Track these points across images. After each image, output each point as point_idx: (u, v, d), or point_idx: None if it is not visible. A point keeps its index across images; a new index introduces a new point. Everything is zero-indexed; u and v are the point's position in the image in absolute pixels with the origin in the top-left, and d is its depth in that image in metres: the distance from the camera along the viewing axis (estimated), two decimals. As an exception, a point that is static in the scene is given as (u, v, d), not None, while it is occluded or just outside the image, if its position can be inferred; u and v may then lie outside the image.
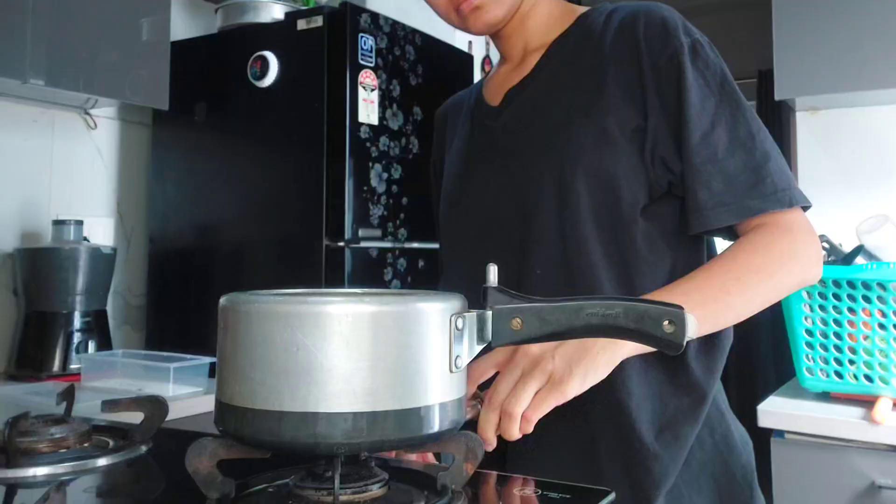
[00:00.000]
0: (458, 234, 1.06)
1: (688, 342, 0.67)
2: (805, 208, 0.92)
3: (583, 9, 1.02)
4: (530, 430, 0.78)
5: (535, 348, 0.80)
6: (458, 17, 0.98)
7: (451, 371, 0.63)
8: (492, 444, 0.77)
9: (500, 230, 0.97)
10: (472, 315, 0.65)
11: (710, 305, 0.84)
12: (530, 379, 0.78)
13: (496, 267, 0.68)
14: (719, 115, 0.90)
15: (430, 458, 0.89)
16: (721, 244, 0.98)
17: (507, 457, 0.94)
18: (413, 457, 0.86)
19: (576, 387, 0.78)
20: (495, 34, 1.04)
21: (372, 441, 0.58)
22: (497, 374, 0.82)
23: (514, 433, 0.77)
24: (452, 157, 1.10)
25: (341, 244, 1.91)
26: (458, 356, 0.63)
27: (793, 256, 0.88)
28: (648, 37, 0.93)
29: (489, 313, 0.66)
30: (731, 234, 0.92)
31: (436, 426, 0.61)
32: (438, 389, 0.62)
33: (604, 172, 0.91)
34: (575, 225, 0.91)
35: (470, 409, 0.76)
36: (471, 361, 0.67)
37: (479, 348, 0.66)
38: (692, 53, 0.91)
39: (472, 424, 0.76)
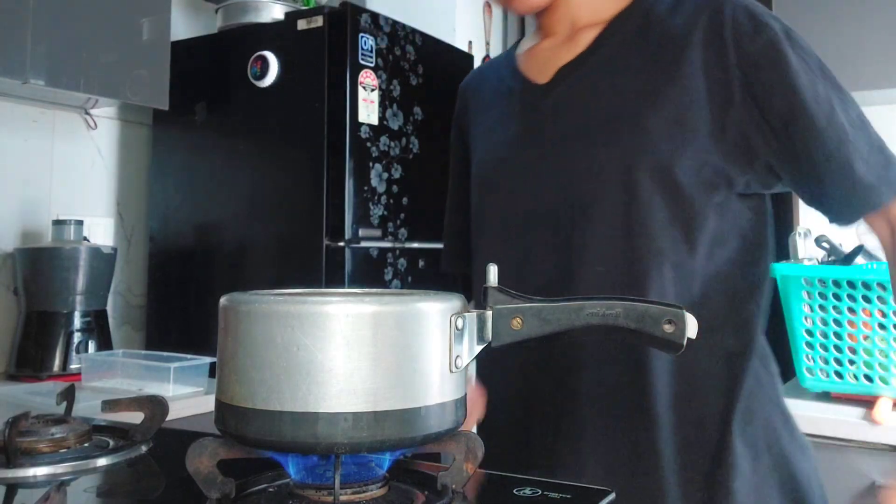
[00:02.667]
0: (496, 223, 0.98)
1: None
2: None
3: None
4: None
5: None
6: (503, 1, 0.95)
7: (451, 371, 0.63)
8: None
9: (547, 222, 0.91)
10: (473, 315, 0.65)
11: None
12: None
13: (496, 267, 0.67)
14: (833, 98, 0.84)
15: None
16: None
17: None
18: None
19: None
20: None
21: (372, 441, 0.58)
22: None
23: None
24: (486, 137, 1.02)
25: (341, 244, 1.91)
26: (458, 356, 0.63)
27: None
28: (736, 22, 0.85)
29: (489, 313, 0.66)
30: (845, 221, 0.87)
31: (436, 426, 0.61)
32: (439, 389, 0.62)
33: (675, 167, 0.85)
34: (643, 223, 0.85)
35: None
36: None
37: (479, 348, 0.66)
38: (788, 39, 0.85)
39: None
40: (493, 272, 0.67)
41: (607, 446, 0.87)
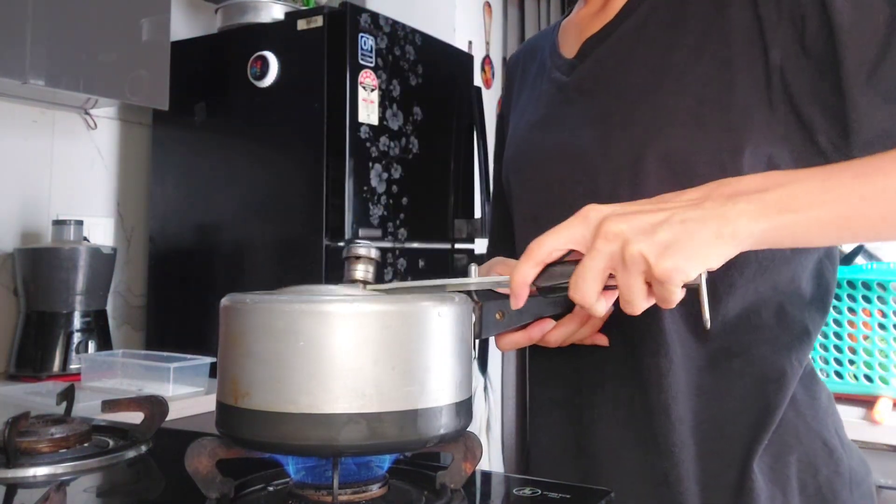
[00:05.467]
0: (522, 213, 0.89)
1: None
2: None
3: None
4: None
5: (617, 225, 0.58)
6: None
7: (454, 370, 0.62)
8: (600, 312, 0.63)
9: (563, 214, 0.78)
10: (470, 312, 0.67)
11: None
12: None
13: (476, 266, 0.71)
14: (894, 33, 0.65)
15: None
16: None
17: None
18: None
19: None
20: None
21: (375, 443, 0.58)
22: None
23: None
24: (518, 115, 0.92)
25: (341, 244, 1.91)
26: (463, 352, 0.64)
27: None
28: None
29: (479, 308, 0.69)
30: None
31: (441, 429, 0.61)
32: (443, 391, 0.61)
33: (693, 156, 0.71)
34: None
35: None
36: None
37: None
38: None
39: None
40: (474, 271, 0.70)
41: (623, 470, 0.78)
